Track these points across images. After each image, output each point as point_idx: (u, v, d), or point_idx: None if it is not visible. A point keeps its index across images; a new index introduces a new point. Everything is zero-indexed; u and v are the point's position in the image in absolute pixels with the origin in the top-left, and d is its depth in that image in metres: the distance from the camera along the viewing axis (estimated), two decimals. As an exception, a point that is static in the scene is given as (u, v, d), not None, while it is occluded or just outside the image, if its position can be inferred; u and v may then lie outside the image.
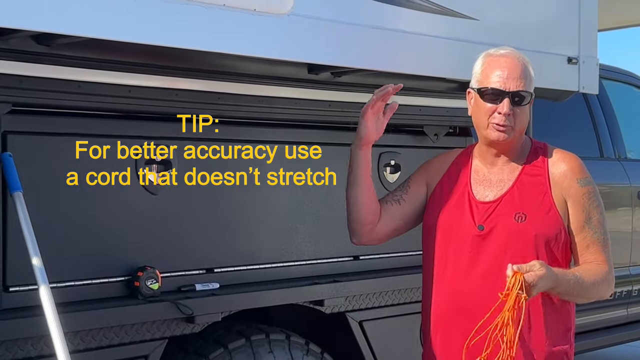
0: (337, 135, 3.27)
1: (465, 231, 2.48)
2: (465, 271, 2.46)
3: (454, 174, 2.59)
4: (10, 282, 2.45)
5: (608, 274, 2.46)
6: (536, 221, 2.43)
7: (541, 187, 2.47)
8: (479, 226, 2.46)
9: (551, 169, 2.49)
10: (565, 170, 2.49)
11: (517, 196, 2.47)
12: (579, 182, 2.47)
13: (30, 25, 2.11)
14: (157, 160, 2.74)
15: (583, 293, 2.42)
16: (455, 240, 2.49)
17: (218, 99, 2.84)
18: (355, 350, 3.26)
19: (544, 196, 2.46)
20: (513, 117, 2.43)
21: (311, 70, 3.04)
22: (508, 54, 2.48)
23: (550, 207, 2.45)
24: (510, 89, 2.42)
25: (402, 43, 2.93)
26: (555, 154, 2.53)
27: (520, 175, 2.50)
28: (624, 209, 5.16)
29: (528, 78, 2.45)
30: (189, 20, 2.38)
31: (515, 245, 2.42)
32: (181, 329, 2.77)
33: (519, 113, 2.44)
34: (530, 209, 2.45)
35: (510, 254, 2.41)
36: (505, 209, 2.46)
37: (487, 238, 2.45)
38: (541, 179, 2.48)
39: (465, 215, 2.49)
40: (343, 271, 3.25)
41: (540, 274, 2.27)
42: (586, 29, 3.56)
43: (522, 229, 2.43)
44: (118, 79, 2.59)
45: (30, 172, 2.47)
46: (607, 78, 5.17)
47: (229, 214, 2.94)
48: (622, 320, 5.19)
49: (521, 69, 2.45)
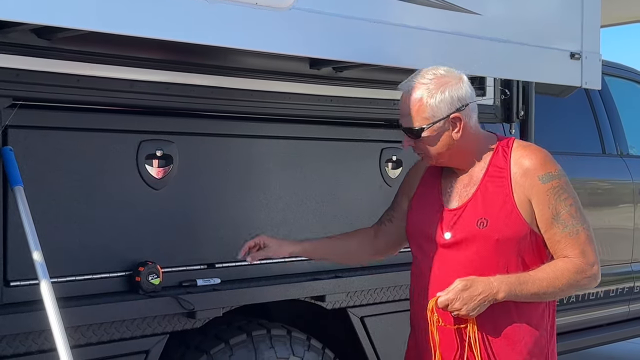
0: (339, 130, 3.27)
1: (435, 240, 2.49)
2: (436, 280, 2.47)
3: (427, 182, 2.61)
4: (11, 276, 2.45)
5: (582, 266, 2.39)
6: (497, 226, 2.40)
7: (503, 189, 2.44)
8: (446, 234, 2.47)
9: (513, 168, 2.44)
10: (527, 168, 2.42)
11: (480, 201, 2.45)
12: (540, 179, 2.41)
13: (31, 18, 2.10)
14: (158, 155, 2.74)
15: (544, 290, 2.37)
16: (428, 249, 2.51)
17: (219, 94, 2.83)
18: (356, 345, 3.26)
19: (505, 198, 2.42)
20: (418, 148, 2.47)
21: (313, 65, 3.03)
22: (404, 91, 2.47)
23: (512, 210, 2.41)
24: (402, 125, 2.47)
25: (404, 38, 2.92)
26: (518, 151, 2.47)
27: (483, 179, 2.47)
28: (626, 205, 5.15)
29: (417, 112, 2.41)
30: (190, 14, 2.37)
31: (479, 252, 2.42)
32: (182, 324, 2.77)
33: (421, 144, 2.45)
34: (491, 213, 2.42)
35: (476, 261, 2.41)
36: (469, 215, 2.45)
37: (453, 246, 2.45)
38: (503, 180, 2.44)
39: (435, 224, 2.50)
40: (344, 267, 3.24)
41: (458, 288, 2.33)
42: (589, 25, 3.55)
43: (485, 235, 2.41)
44: (119, 73, 2.59)
45: (30, 167, 2.47)
46: (609, 74, 5.15)
47: (230, 209, 2.94)
48: (623, 317, 5.19)
49: (410, 106, 2.42)
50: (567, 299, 4.64)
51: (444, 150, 2.45)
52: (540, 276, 2.38)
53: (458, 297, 2.33)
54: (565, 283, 2.39)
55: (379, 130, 3.42)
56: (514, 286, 2.35)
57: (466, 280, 2.35)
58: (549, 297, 2.45)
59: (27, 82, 2.40)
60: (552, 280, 2.38)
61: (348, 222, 3.23)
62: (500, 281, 2.35)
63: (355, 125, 3.34)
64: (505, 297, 2.35)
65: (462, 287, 2.34)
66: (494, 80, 3.70)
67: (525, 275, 2.38)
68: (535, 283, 2.37)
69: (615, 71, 5.40)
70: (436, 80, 2.42)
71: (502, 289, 2.34)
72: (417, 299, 2.56)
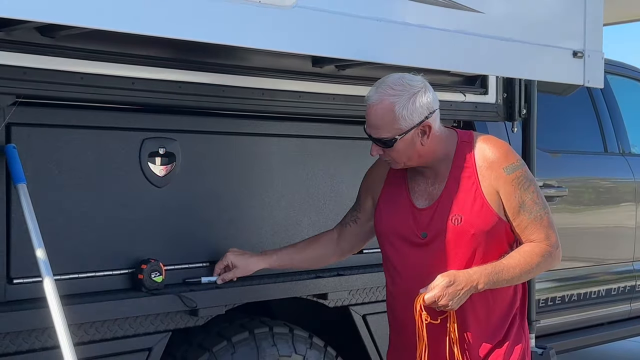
0: (341, 128, 3.27)
1: (410, 239, 2.56)
2: (413, 277, 2.54)
3: (392, 180, 2.67)
4: (14, 274, 2.45)
5: (548, 249, 2.54)
6: (471, 220, 2.52)
7: (471, 183, 2.53)
8: (422, 234, 2.55)
9: (477, 162, 2.54)
10: (491, 160, 2.54)
11: (451, 198, 2.53)
12: (505, 170, 2.53)
13: (35, 16, 2.10)
14: (161, 153, 2.74)
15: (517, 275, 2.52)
16: (403, 248, 2.58)
17: (222, 92, 2.83)
18: (358, 343, 3.26)
19: (475, 192, 2.52)
20: (387, 156, 2.54)
21: (315, 63, 3.03)
22: (371, 102, 2.51)
23: (483, 203, 2.52)
24: (371, 135, 2.53)
25: (406, 36, 2.92)
26: (479, 144, 2.57)
27: (450, 176, 2.55)
28: (628, 204, 5.15)
29: (388, 123, 2.48)
30: (193, 12, 2.36)
31: (457, 247, 2.51)
32: (185, 321, 2.77)
33: (390, 152, 2.52)
34: (464, 209, 2.52)
35: (453, 255, 2.51)
36: (442, 213, 2.53)
37: (431, 244, 2.54)
38: (470, 174, 2.54)
39: (408, 223, 2.57)
40: (347, 265, 3.24)
41: (442, 285, 2.43)
42: (592, 23, 3.54)
43: (461, 230, 2.51)
44: (122, 71, 2.59)
45: (34, 164, 2.47)
46: (611, 73, 5.15)
47: (233, 206, 2.94)
48: (625, 315, 5.19)
49: (379, 117, 2.49)
50: (568, 298, 4.65)
51: (414, 156, 2.53)
52: (513, 263, 2.52)
53: (444, 293, 2.43)
54: (534, 266, 2.53)
55: (382, 129, 3.41)
56: (491, 276, 2.49)
57: (448, 276, 2.45)
58: (522, 280, 2.60)
59: (31, 79, 2.40)
60: (524, 265, 2.53)
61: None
62: (479, 273, 2.47)
63: (357, 123, 3.33)
64: (484, 287, 2.48)
65: (447, 283, 2.43)
66: (496, 78, 3.71)
67: (500, 265, 2.51)
68: (510, 270, 2.51)
69: (618, 70, 5.39)
70: (405, 90, 2.48)
71: (482, 280, 2.47)
72: (398, 298, 2.61)
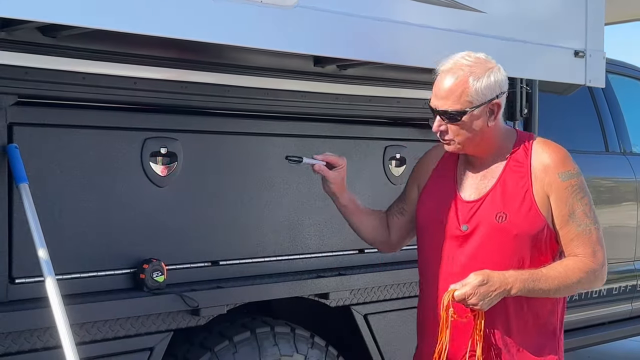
0: (343, 128, 3.27)
1: (450, 231, 2.48)
2: (447, 269, 2.47)
3: (441, 171, 2.59)
4: (16, 273, 2.46)
5: (593, 266, 2.42)
6: (517, 220, 2.41)
7: (523, 184, 2.44)
8: (463, 226, 2.46)
9: (533, 163, 2.45)
10: (547, 164, 2.44)
11: (499, 195, 2.45)
12: (560, 176, 2.43)
13: (36, 16, 2.10)
14: (162, 152, 2.74)
15: (555, 288, 2.39)
16: (441, 240, 2.50)
17: (225, 92, 2.83)
18: (360, 343, 3.26)
19: (525, 193, 2.43)
20: (450, 132, 2.42)
21: (317, 63, 3.03)
22: (444, 70, 2.41)
23: (531, 205, 2.42)
24: (437, 107, 2.40)
25: (408, 36, 2.92)
26: (538, 147, 2.48)
27: (503, 172, 2.47)
28: (629, 203, 5.15)
29: (462, 94, 2.36)
30: (195, 12, 2.37)
31: (496, 245, 2.43)
32: (186, 321, 2.77)
33: (455, 129, 2.40)
34: (511, 208, 2.42)
35: (491, 254, 2.42)
36: (488, 208, 2.44)
37: (470, 238, 2.45)
38: (524, 175, 2.45)
39: (450, 215, 2.49)
40: (348, 264, 3.25)
41: (474, 284, 2.32)
42: (593, 22, 3.55)
43: (503, 229, 2.42)
44: (123, 71, 2.59)
45: (36, 164, 2.47)
46: (613, 72, 5.14)
47: (235, 206, 2.94)
48: (626, 314, 5.19)
49: (453, 85, 2.37)
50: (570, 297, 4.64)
51: (476, 137, 2.42)
52: (552, 274, 2.39)
53: (475, 291, 2.33)
54: (575, 282, 2.42)
55: (383, 128, 3.42)
56: (527, 283, 2.37)
57: (482, 275, 2.35)
58: (558, 295, 2.47)
59: (32, 79, 2.41)
60: (564, 278, 2.40)
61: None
62: (514, 277, 2.36)
63: (359, 123, 3.34)
64: (517, 292, 2.37)
65: (479, 282, 2.34)
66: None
67: (538, 273, 2.39)
68: (548, 281, 2.39)
69: (619, 69, 5.39)
70: (481, 64, 2.39)
71: (516, 285, 2.36)
72: (428, 290, 2.54)
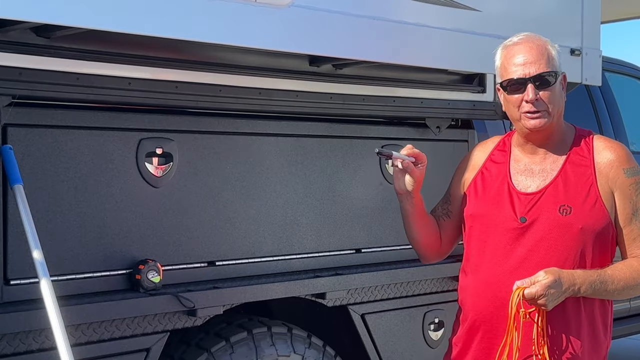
0: (339, 127, 3.27)
1: (506, 223, 2.40)
2: (502, 263, 2.39)
3: (492, 165, 2.52)
4: (11, 275, 2.45)
5: None
6: (582, 214, 2.34)
7: (587, 178, 2.37)
8: (521, 218, 2.38)
9: (596, 158, 2.39)
10: (612, 159, 2.37)
11: (561, 187, 2.38)
12: (625, 172, 2.36)
13: (30, 16, 2.10)
14: (158, 153, 2.74)
15: (619, 290, 2.34)
16: (495, 232, 2.41)
17: (219, 92, 2.83)
18: (357, 343, 3.26)
19: (590, 188, 2.36)
20: (543, 101, 2.35)
21: (312, 63, 3.03)
22: (522, 40, 2.40)
23: (597, 200, 2.35)
24: (529, 74, 2.34)
25: (403, 34, 2.92)
26: (600, 142, 2.43)
27: (564, 165, 2.41)
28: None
29: (549, 58, 2.36)
30: (189, 11, 2.37)
31: (557, 239, 2.34)
32: (183, 322, 2.77)
33: (549, 95, 2.34)
34: (575, 201, 2.35)
35: (552, 248, 2.34)
36: (549, 200, 2.36)
37: (528, 230, 2.37)
38: (587, 169, 2.38)
39: (505, 207, 2.41)
40: (345, 264, 3.24)
41: (546, 283, 2.23)
42: (589, 21, 3.55)
43: (567, 223, 2.34)
44: (118, 71, 2.58)
45: (30, 165, 2.47)
46: (610, 70, 5.15)
47: (231, 206, 2.94)
48: (624, 313, 5.18)
49: (538, 51, 2.36)
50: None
51: (560, 108, 2.39)
52: (619, 276, 2.33)
53: (546, 292, 2.24)
54: (637, 284, 2.36)
55: (379, 128, 3.42)
56: (595, 284, 2.30)
57: (552, 274, 2.26)
58: (620, 297, 2.39)
59: (26, 80, 2.40)
60: (630, 280, 2.34)
61: (348, 219, 3.24)
62: (583, 278, 2.30)
63: (354, 122, 3.34)
64: (583, 294, 2.31)
65: (550, 283, 2.24)
66: (494, 77, 3.70)
67: (606, 274, 2.32)
68: (614, 282, 2.32)
69: (616, 67, 5.39)
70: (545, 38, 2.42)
71: (584, 286, 2.30)
72: (478, 283, 2.44)
